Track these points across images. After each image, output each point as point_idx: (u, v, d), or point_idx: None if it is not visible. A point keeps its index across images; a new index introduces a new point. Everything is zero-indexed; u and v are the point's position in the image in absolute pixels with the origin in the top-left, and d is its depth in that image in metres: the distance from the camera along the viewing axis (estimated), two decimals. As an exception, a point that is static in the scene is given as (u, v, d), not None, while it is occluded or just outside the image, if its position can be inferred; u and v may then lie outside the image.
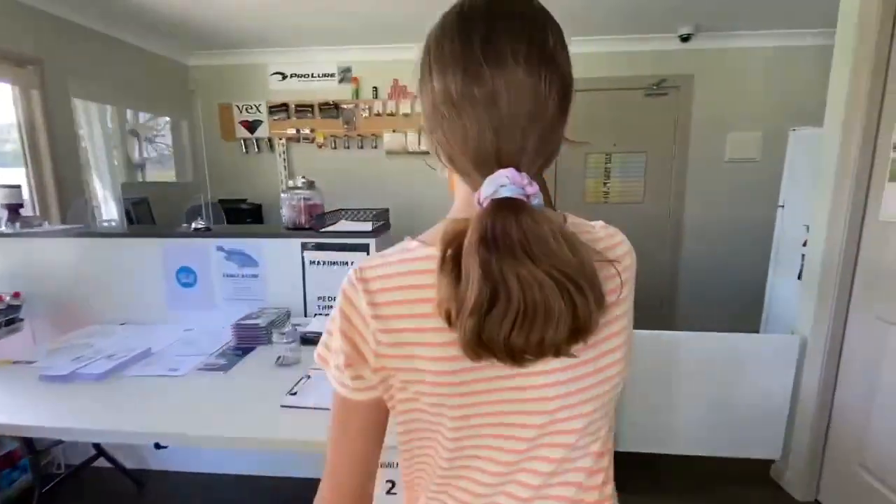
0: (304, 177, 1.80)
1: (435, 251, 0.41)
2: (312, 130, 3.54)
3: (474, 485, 0.49)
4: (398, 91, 3.45)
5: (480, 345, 0.38)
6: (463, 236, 0.39)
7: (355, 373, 0.46)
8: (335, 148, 3.56)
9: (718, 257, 3.51)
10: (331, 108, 3.47)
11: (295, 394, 1.19)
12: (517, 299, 0.37)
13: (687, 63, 3.24)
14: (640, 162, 3.42)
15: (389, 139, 3.47)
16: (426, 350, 0.44)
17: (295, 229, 1.76)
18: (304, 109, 3.51)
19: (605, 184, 3.46)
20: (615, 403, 0.51)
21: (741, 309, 3.53)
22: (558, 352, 0.39)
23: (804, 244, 1.84)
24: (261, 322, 1.55)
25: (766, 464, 1.93)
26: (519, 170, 0.41)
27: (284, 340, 1.37)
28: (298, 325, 1.63)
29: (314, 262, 1.70)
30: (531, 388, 0.45)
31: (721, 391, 1.80)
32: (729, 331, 3.24)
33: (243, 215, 3.33)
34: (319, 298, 1.73)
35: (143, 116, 3.29)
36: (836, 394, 1.67)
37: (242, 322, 1.56)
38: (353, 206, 2.09)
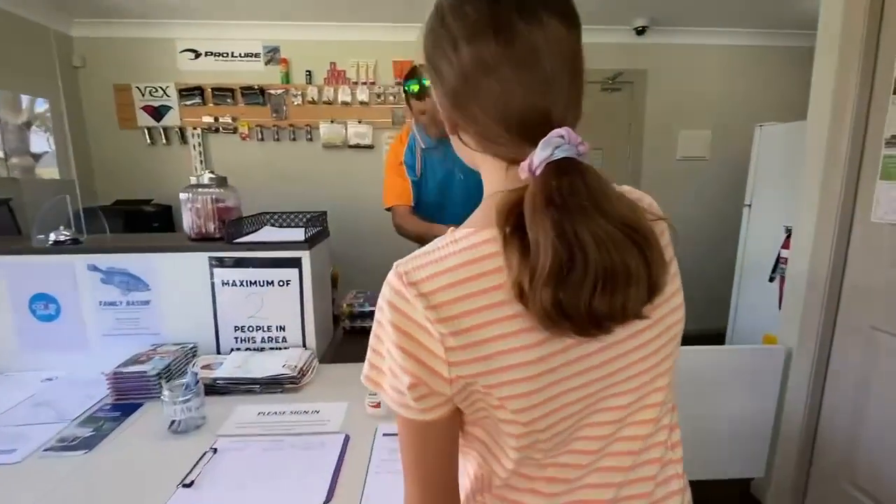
0: (211, 171, 1.39)
1: (490, 234, 0.40)
2: (234, 119, 3.05)
3: (568, 470, 0.45)
4: (336, 76, 3.05)
5: (561, 314, 0.35)
6: (519, 207, 0.37)
7: (425, 391, 0.40)
8: (262, 139, 3.09)
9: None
10: (255, 94, 3.00)
11: (190, 485, 0.82)
12: (594, 261, 0.34)
13: (641, 58, 3.15)
14: (597, 159, 3.30)
15: (326, 130, 3.07)
16: (506, 343, 0.39)
17: (200, 240, 1.36)
18: (222, 94, 3.01)
19: (560, 182, 3.30)
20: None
21: (696, 307, 3.53)
22: (638, 314, 0.38)
23: (784, 246, 1.74)
24: (148, 368, 1.14)
25: (746, 481, 1.81)
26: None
27: (180, 398, 0.98)
28: (208, 365, 1.24)
29: (227, 282, 1.31)
30: (621, 357, 0.44)
31: (702, 410, 1.64)
32: (689, 329, 3.16)
33: (147, 220, 2.78)
34: (237, 329, 1.34)
35: (7, 97, 2.62)
36: (822, 407, 1.56)
37: (123, 370, 1.14)
38: (284, 208, 1.71)
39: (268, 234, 1.44)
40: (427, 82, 1.74)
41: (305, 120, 3.07)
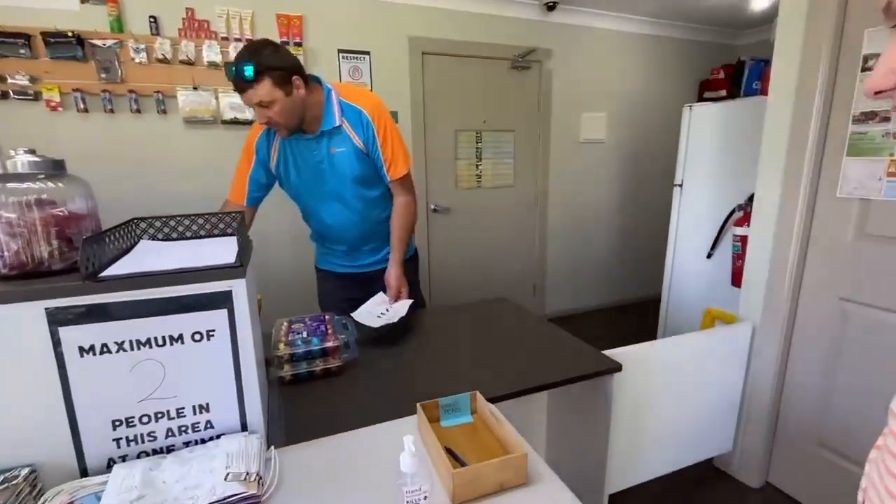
0: (31, 150, 0.77)
1: None
2: (35, 80, 2.09)
3: None
4: (195, 27, 2.30)
5: None
6: None
7: None
8: (85, 110, 2.19)
9: (579, 238, 3.57)
10: (70, 44, 2.09)
11: None
12: None
13: (549, 36, 3.08)
14: (509, 142, 3.16)
15: (188, 100, 2.31)
16: None
17: (22, 277, 0.74)
18: (10, 42, 2.02)
19: (477, 166, 3.08)
20: None
21: (603, 283, 3.72)
22: None
23: (738, 223, 1.77)
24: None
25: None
26: None
27: None
28: (74, 502, 0.68)
29: (91, 349, 0.74)
30: None
31: (681, 399, 1.59)
32: (628, 297, 3.27)
33: None
34: (118, 425, 0.78)
35: None
36: (786, 377, 1.64)
37: None
38: (133, 210, 1.14)
39: (157, 254, 0.88)
40: (252, 70, 1.20)
41: (154, 84, 2.26)
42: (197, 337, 0.80)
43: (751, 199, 1.72)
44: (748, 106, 1.98)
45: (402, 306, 1.44)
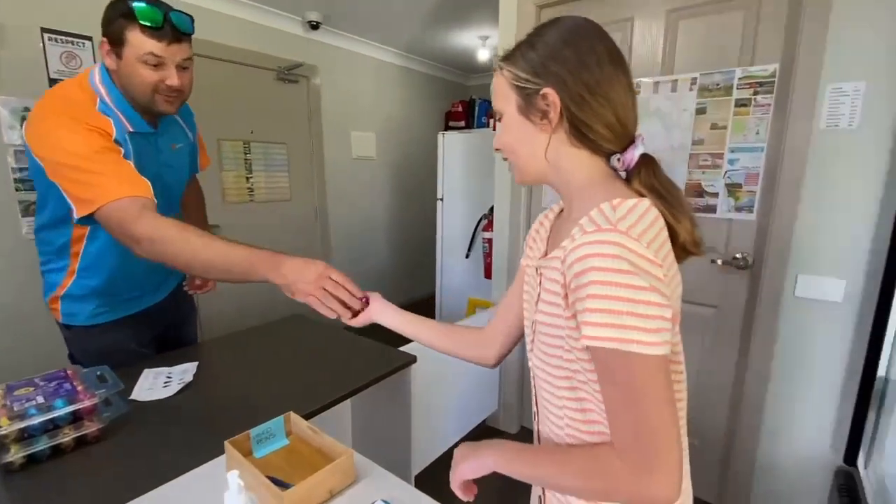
0: None
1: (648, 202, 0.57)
2: None
3: None
4: None
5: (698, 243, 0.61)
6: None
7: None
8: None
9: (360, 250, 3.74)
10: None
11: None
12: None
13: (314, 53, 3.13)
14: (282, 154, 3.06)
15: None
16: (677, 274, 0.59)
17: None
18: None
19: (248, 178, 2.87)
20: None
21: (386, 288, 3.98)
22: None
23: (485, 229, 2.22)
24: None
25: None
26: None
27: None
28: None
29: None
30: None
31: (458, 376, 1.92)
32: (410, 297, 3.55)
33: None
34: None
35: None
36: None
37: None
38: None
39: None
40: (192, 24, 1.00)
41: None
42: None
43: (492, 209, 2.20)
44: (484, 137, 2.52)
45: (187, 370, 1.26)
